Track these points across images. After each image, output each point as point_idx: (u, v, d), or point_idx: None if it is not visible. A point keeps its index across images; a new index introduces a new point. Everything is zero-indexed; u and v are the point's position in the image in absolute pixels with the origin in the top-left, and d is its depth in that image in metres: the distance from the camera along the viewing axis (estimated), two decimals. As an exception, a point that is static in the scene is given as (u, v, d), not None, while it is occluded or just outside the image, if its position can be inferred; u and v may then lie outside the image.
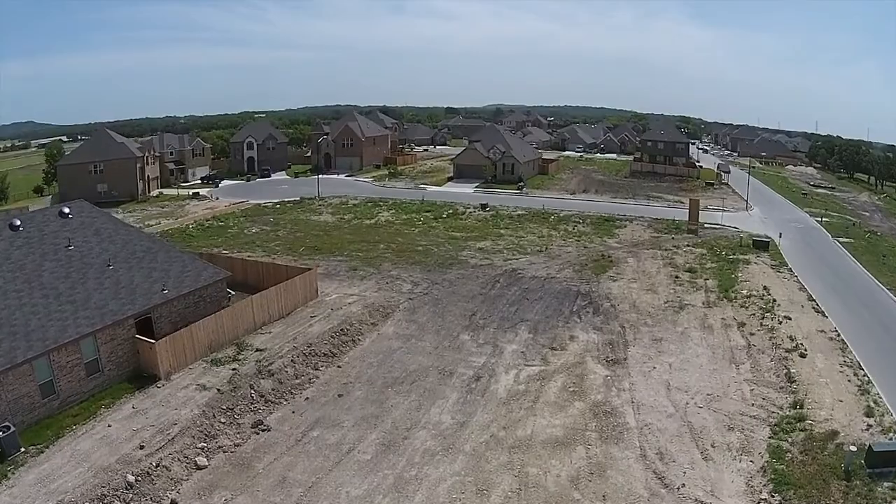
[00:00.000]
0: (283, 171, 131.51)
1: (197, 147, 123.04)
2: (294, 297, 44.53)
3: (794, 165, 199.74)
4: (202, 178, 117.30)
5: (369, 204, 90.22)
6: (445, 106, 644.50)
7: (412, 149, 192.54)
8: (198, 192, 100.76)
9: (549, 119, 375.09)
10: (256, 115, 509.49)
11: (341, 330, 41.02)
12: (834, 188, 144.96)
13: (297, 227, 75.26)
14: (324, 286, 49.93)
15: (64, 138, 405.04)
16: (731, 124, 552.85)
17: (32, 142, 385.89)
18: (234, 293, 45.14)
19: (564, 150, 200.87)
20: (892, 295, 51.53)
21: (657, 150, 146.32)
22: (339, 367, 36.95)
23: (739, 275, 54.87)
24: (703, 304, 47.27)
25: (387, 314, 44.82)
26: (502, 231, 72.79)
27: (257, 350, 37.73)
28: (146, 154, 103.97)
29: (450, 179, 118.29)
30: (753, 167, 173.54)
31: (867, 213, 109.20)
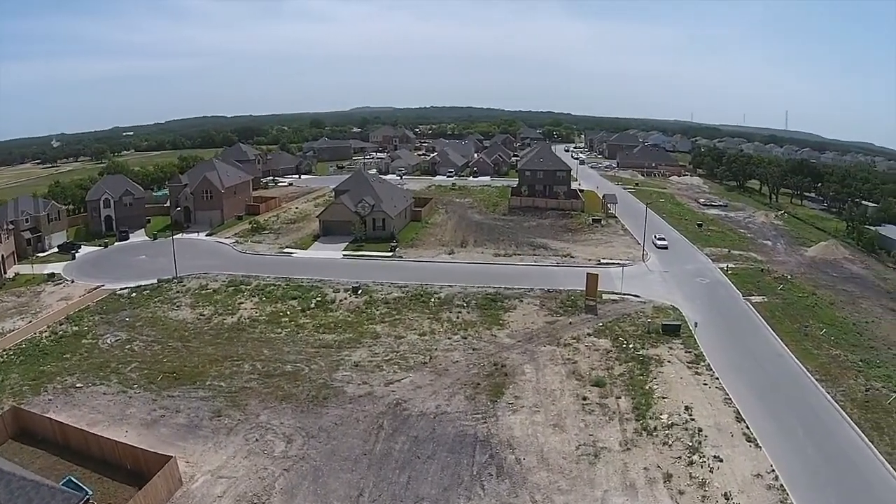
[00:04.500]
0: (143, 230, 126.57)
1: (52, 211, 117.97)
2: (157, 498, 39.03)
3: (679, 176, 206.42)
4: (59, 247, 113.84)
5: (231, 289, 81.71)
6: (313, 112, 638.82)
7: (276, 183, 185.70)
8: (53, 274, 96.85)
9: (415, 130, 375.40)
10: (125, 132, 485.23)
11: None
12: (727, 206, 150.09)
13: (154, 331, 69.71)
14: (187, 450, 45.39)
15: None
16: (603, 118, 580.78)
17: None
18: (91, 491, 38.85)
19: (436, 175, 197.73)
20: (822, 389, 51.77)
21: (537, 179, 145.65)
22: None
23: (654, 385, 52.02)
24: (621, 444, 43.58)
25: (262, 510, 38.23)
26: (378, 328, 66.74)
27: None
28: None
29: (316, 238, 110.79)
30: (636, 184, 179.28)
31: (769, 242, 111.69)
